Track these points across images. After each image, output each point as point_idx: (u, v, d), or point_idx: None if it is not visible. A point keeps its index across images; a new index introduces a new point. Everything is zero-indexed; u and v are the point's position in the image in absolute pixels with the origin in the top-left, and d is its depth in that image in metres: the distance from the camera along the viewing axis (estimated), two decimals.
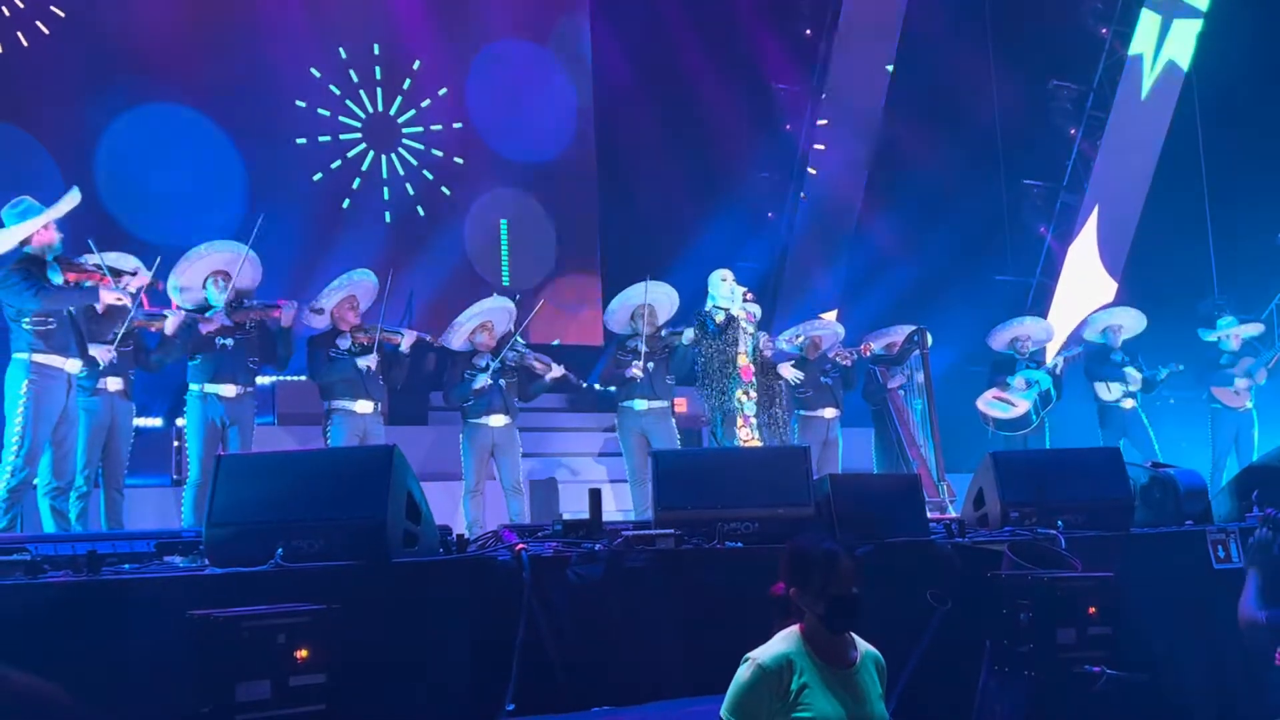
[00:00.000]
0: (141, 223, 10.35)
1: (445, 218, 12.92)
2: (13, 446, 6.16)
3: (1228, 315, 11.05)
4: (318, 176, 12.43)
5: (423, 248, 12.53)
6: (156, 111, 11.25)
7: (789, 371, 8.62)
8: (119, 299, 6.65)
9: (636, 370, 8.42)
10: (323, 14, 12.59)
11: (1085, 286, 14.16)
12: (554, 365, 8.49)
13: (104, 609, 3.75)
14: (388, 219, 12.70)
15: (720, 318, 7.88)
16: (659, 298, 8.69)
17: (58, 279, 6.40)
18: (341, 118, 12.60)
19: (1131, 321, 10.66)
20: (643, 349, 8.44)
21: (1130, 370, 10.33)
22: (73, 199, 6.44)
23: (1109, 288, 14.13)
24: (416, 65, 12.99)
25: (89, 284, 6.53)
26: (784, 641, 3.40)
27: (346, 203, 12.57)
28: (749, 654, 3.39)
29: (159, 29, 11.38)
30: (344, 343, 7.97)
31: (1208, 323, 11.00)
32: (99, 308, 6.69)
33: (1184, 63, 14.09)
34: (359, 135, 12.68)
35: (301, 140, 12.39)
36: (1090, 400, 10.62)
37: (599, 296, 13.21)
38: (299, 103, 12.41)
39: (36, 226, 6.31)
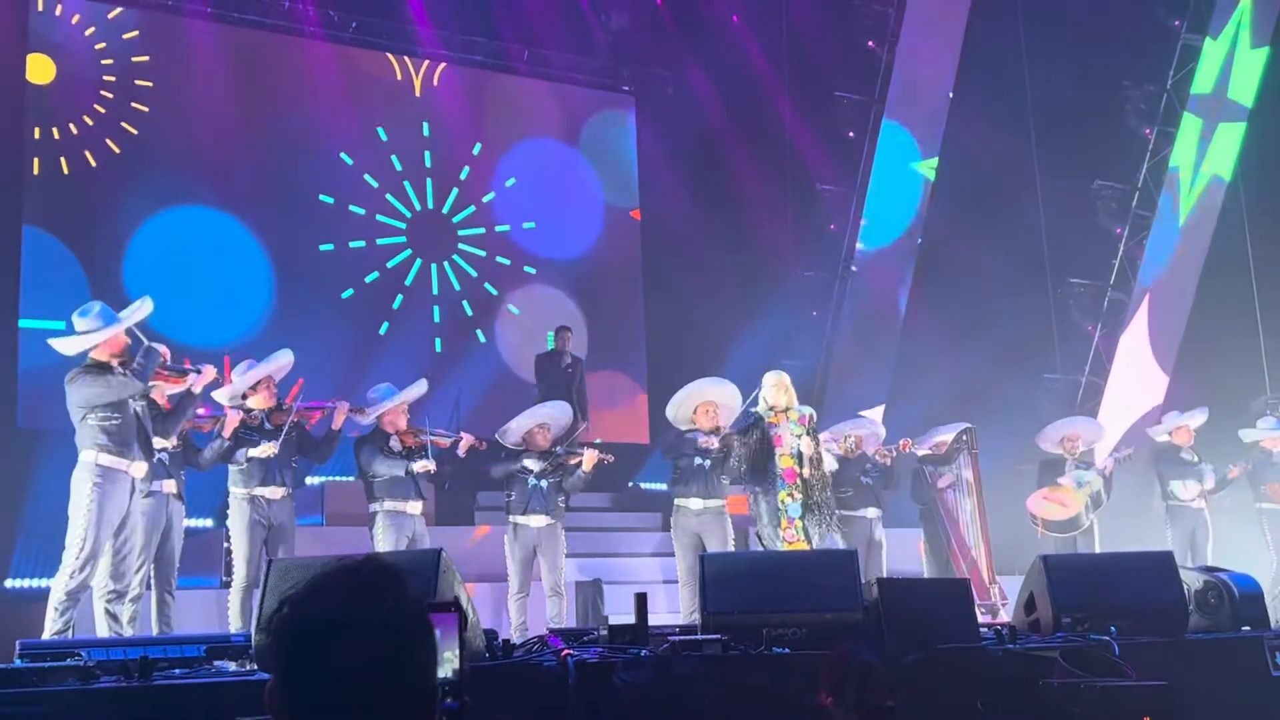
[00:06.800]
0: (176, 328, 9.66)
1: (509, 338, 11.12)
2: (74, 549, 6.09)
3: (1269, 417, 10.92)
4: (348, 293, 10.51)
5: (480, 374, 10.76)
6: (189, 214, 10.20)
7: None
8: (180, 380, 6.82)
9: (708, 442, 8.33)
10: (358, 87, 10.40)
11: (1136, 384, 14.03)
12: (586, 451, 8.41)
13: (156, 715, 3.78)
14: (439, 347, 10.78)
15: (768, 419, 7.90)
16: (721, 394, 8.60)
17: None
18: (380, 217, 10.81)
19: (1201, 423, 10.55)
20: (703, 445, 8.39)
21: (1206, 466, 10.21)
22: (145, 308, 6.49)
23: (1160, 385, 13.98)
24: (477, 149, 11.10)
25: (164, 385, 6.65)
26: None
27: (385, 327, 10.57)
28: None
29: (209, 130, 10.28)
30: (395, 445, 8.02)
31: (1254, 423, 10.85)
32: (195, 388, 6.89)
33: (1226, 173, 14.06)
34: (403, 240, 11.01)
35: (328, 246, 10.34)
36: (1138, 499, 10.48)
37: (644, 395, 13.18)
38: (324, 198, 10.38)
39: (111, 334, 6.34)
